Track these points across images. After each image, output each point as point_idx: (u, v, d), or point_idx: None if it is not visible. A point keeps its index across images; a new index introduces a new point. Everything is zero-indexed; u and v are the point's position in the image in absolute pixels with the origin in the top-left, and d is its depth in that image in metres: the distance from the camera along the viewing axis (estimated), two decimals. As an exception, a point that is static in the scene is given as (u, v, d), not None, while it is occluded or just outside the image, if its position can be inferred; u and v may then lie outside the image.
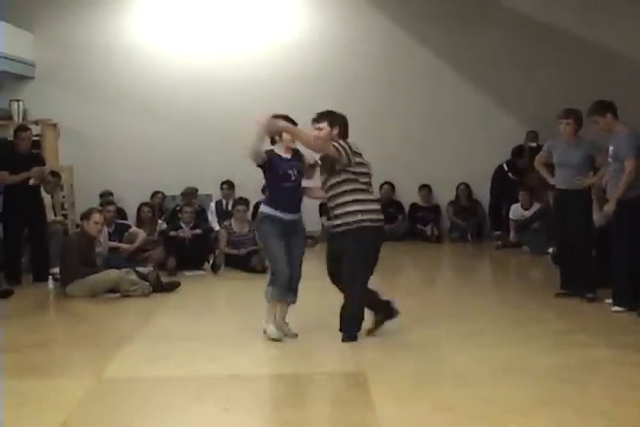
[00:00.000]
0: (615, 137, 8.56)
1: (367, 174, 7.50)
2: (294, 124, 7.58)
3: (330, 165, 7.45)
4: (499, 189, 14.87)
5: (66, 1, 14.99)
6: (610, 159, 8.62)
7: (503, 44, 15.19)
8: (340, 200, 7.43)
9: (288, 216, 7.58)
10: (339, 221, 7.48)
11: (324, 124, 7.49)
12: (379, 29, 15.18)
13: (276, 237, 7.54)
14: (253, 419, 5.71)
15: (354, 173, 7.39)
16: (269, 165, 7.55)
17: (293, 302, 7.75)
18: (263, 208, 7.71)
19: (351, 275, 7.43)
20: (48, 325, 9.12)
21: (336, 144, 7.34)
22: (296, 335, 7.71)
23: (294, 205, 7.65)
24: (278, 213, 7.55)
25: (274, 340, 7.55)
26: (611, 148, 8.57)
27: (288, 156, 7.64)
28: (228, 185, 14.77)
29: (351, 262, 7.42)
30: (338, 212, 7.47)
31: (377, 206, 7.58)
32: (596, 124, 8.67)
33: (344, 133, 7.56)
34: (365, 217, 7.36)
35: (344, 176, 7.39)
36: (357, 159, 7.39)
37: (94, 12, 15.01)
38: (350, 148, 7.36)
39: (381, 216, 7.56)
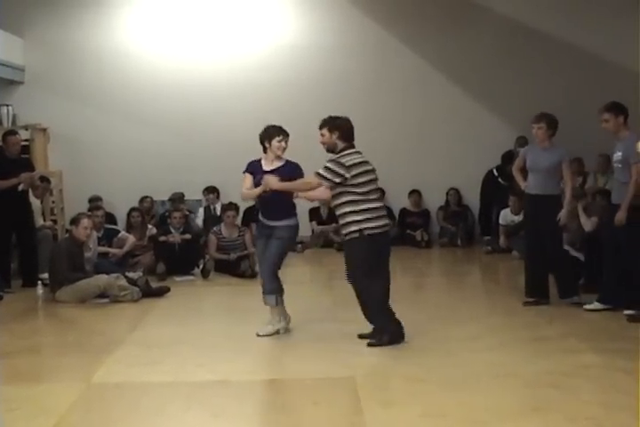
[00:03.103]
0: (623, 142, 8.54)
1: (369, 182, 7.52)
2: None
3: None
4: (488, 195, 14.88)
5: (56, 6, 14.96)
6: (617, 165, 8.61)
7: (494, 49, 15.23)
8: (338, 211, 7.59)
9: (269, 222, 7.98)
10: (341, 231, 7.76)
11: (325, 131, 7.64)
12: (370, 35, 15.19)
13: (258, 239, 8.18)
14: (243, 425, 5.71)
15: (351, 185, 7.42)
16: (252, 173, 8.00)
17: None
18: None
19: (351, 280, 7.62)
20: (37, 330, 9.09)
21: (321, 173, 7.44)
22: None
23: (271, 214, 7.97)
24: (262, 218, 8.07)
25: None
26: (618, 153, 8.55)
27: (268, 168, 7.95)
28: (212, 190, 14.69)
29: (348, 269, 7.60)
30: (339, 222, 7.66)
31: (375, 214, 7.52)
32: (605, 123, 8.62)
33: (346, 136, 7.59)
34: (356, 228, 7.43)
35: (339, 189, 7.48)
36: (354, 171, 7.41)
37: (85, 17, 14.99)
38: (343, 164, 7.40)
39: (381, 222, 7.52)
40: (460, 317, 8.87)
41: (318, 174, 7.44)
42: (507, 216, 13.77)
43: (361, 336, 7.68)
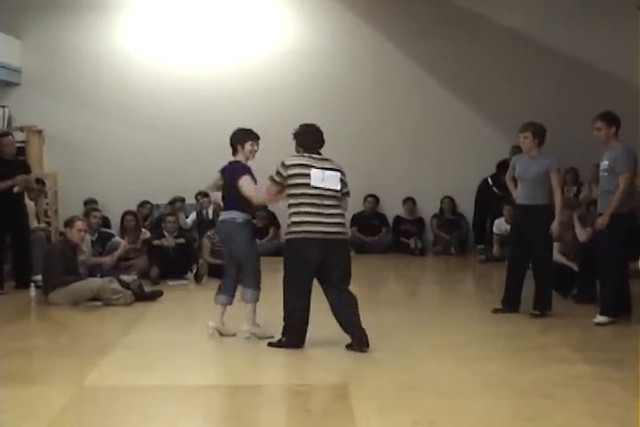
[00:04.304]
0: (611, 151, 8.59)
1: (302, 185, 7.51)
2: None
3: None
4: (483, 203, 14.87)
5: (53, 8, 14.98)
6: (604, 173, 8.65)
7: (490, 58, 15.27)
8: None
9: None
10: None
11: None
12: (367, 42, 15.23)
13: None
14: (235, 430, 5.71)
15: (289, 185, 7.55)
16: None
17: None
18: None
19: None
20: (30, 332, 9.07)
21: (271, 177, 7.63)
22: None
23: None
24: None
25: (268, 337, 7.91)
26: (605, 162, 8.61)
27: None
28: (205, 195, 14.62)
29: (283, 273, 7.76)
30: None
31: (303, 218, 7.50)
32: (597, 131, 8.65)
33: (301, 143, 7.78)
34: (291, 229, 7.55)
35: (287, 191, 7.63)
36: (291, 171, 7.51)
37: (82, 20, 15.01)
38: (283, 163, 7.56)
39: (308, 228, 7.47)
40: (453, 325, 8.88)
41: (271, 180, 7.65)
42: (501, 225, 13.77)
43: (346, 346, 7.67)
